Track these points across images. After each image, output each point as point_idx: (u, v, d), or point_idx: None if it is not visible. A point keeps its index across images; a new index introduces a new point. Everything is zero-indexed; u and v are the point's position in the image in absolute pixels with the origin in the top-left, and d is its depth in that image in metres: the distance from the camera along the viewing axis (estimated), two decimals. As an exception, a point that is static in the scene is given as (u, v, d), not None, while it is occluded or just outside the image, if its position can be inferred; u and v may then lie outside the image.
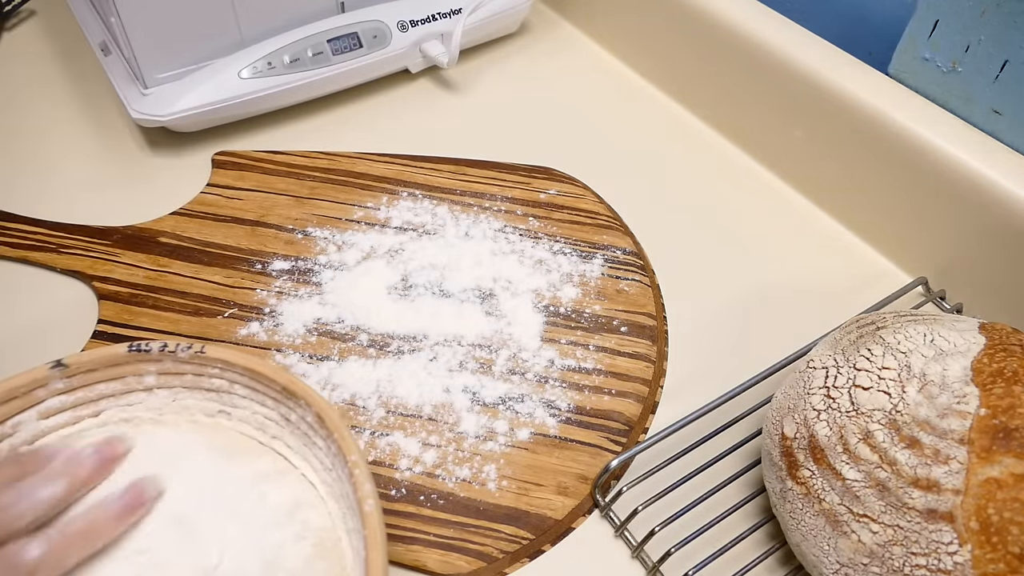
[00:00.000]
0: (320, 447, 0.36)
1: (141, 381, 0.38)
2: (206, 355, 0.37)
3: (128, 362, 0.38)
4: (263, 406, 0.38)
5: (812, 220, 0.60)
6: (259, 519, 0.35)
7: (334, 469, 0.35)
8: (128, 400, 0.39)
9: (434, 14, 0.66)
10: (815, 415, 0.39)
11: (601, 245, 0.56)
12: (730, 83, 0.63)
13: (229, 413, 0.39)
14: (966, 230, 0.52)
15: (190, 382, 0.39)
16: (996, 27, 0.48)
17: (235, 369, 0.38)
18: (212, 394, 0.39)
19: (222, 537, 0.34)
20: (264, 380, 0.37)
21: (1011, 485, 0.34)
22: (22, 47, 0.70)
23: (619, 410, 0.47)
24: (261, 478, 0.37)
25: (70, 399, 0.38)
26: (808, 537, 0.38)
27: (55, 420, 0.38)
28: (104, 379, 0.38)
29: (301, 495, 0.36)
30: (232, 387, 0.38)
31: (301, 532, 0.35)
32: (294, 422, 0.37)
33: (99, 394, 0.38)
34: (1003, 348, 0.38)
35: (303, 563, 0.34)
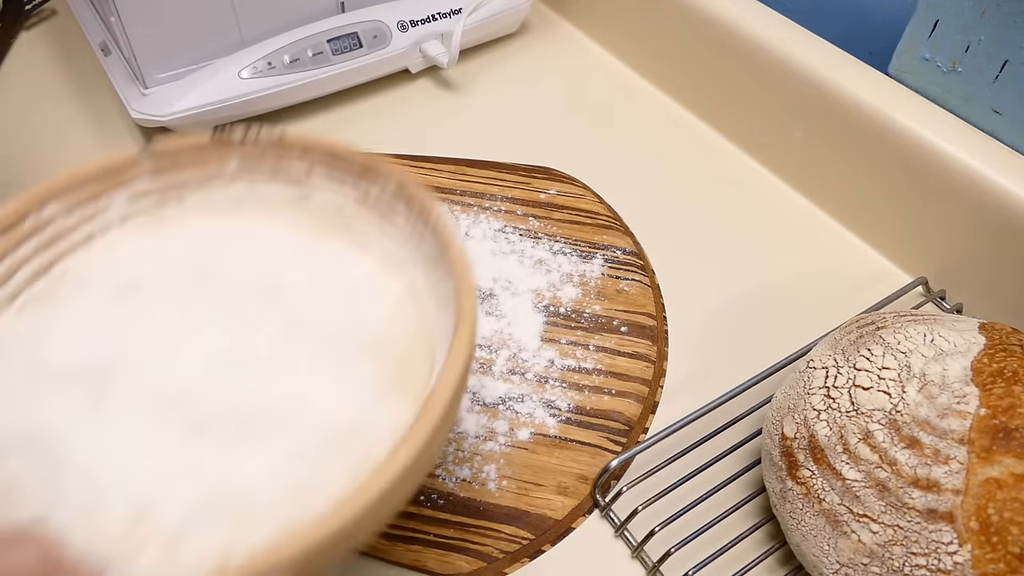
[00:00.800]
0: (399, 218, 0.37)
1: (223, 170, 0.39)
2: (287, 139, 0.38)
3: (213, 149, 0.39)
4: (339, 191, 0.39)
5: (812, 220, 0.60)
6: (345, 284, 0.36)
7: (412, 236, 0.36)
8: (211, 188, 0.39)
9: (434, 14, 0.66)
10: (815, 415, 0.39)
11: (601, 245, 0.56)
12: (730, 83, 0.63)
13: (306, 201, 0.39)
14: (966, 230, 0.52)
15: (270, 171, 0.39)
16: (996, 27, 0.48)
17: (315, 152, 0.38)
18: (291, 182, 0.39)
19: (309, 300, 0.35)
20: (344, 161, 0.38)
21: (1011, 485, 0.34)
22: (36, 47, 0.70)
23: (619, 410, 0.47)
24: (342, 254, 0.38)
25: (156, 184, 0.39)
26: (808, 537, 0.38)
27: (143, 204, 0.39)
28: (189, 166, 0.39)
29: (380, 267, 0.37)
30: (311, 173, 0.39)
31: (382, 296, 0.36)
32: (371, 201, 0.38)
33: (183, 181, 0.39)
34: (1003, 348, 0.38)
35: (385, 322, 0.35)
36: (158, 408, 0.30)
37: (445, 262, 0.33)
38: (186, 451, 0.29)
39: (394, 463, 0.25)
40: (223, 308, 0.34)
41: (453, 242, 0.33)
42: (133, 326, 0.33)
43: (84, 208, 0.37)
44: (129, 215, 0.39)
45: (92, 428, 0.30)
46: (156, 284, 0.35)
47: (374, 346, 0.34)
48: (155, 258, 0.37)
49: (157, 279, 0.36)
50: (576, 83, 0.70)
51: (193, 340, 0.33)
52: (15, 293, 0.36)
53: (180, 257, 0.37)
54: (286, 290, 0.35)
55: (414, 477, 0.27)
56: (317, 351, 0.33)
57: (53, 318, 0.34)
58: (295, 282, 0.36)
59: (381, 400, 0.32)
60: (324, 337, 0.34)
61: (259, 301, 0.35)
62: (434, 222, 0.34)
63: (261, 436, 0.30)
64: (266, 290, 0.35)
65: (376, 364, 0.33)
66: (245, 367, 0.32)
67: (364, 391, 0.32)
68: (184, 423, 0.30)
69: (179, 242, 0.38)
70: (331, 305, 0.35)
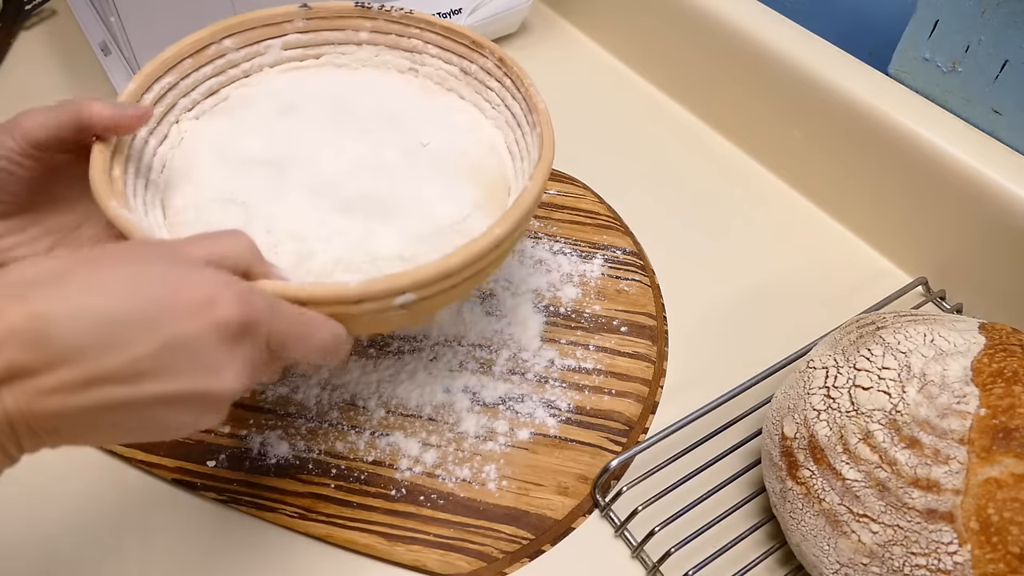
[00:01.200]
0: (494, 88, 0.47)
1: (357, 35, 0.48)
2: (413, 15, 0.47)
3: (352, 16, 0.48)
4: (447, 64, 0.48)
5: (812, 220, 0.60)
6: (451, 127, 0.46)
7: (503, 103, 0.46)
8: (343, 50, 0.49)
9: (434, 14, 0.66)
10: (815, 415, 0.39)
11: (601, 245, 0.56)
12: (730, 83, 0.63)
13: (417, 71, 0.49)
14: (966, 230, 0.52)
15: (392, 41, 0.49)
16: (996, 27, 0.48)
17: (433, 27, 0.47)
18: (407, 53, 0.49)
19: (425, 131, 0.46)
20: (456, 35, 0.47)
21: (1011, 485, 0.34)
22: (35, 47, 0.70)
23: (619, 410, 0.47)
24: (449, 108, 0.48)
25: (304, 38, 0.48)
26: (808, 537, 0.38)
27: (291, 53, 0.48)
28: (330, 28, 0.48)
29: (477, 120, 0.48)
30: (425, 47, 0.48)
31: (480, 139, 0.46)
32: (472, 73, 0.47)
33: (324, 40, 0.48)
34: (1003, 348, 0.38)
35: (481, 157, 0.45)
36: (318, 191, 0.42)
37: (532, 118, 0.43)
38: (337, 220, 0.41)
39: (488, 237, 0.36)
40: (360, 130, 0.45)
41: (540, 102, 0.43)
42: (295, 135, 0.44)
43: (249, 47, 0.47)
44: (279, 61, 0.48)
45: (272, 197, 0.41)
46: (308, 108, 0.46)
47: (473, 172, 0.44)
48: (304, 91, 0.47)
49: (308, 105, 0.46)
50: (576, 83, 0.70)
51: (340, 148, 0.44)
52: (192, 104, 0.45)
53: (323, 93, 0.47)
54: (408, 124, 0.46)
55: (498, 252, 0.37)
56: (432, 169, 0.44)
57: (231, 125, 0.45)
58: (415, 119, 0.46)
59: (476, 210, 0.42)
60: (437, 160, 0.44)
61: (388, 129, 0.45)
62: (526, 88, 0.44)
63: (389, 219, 0.41)
64: (392, 123, 0.46)
65: (474, 185, 0.43)
66: (380, 171, 0.43)
67: (465, 201, 0.42)
68: (336, 203, 0.41)
69: (320, 82, 0.48)
70: (443, 139, 0.45)
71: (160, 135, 0.43)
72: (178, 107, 0.44)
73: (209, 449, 0.44)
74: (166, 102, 0.43)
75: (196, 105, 0.45)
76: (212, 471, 0.43)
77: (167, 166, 0.43)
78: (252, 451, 0.44)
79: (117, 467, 0.44)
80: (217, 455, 0.44)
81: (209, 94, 0.46)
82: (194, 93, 0.45)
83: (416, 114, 0.47)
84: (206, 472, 0.43)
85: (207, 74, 0.45)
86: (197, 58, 0.45)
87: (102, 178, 0.37)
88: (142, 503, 0.43)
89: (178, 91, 0.44)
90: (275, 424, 0.45)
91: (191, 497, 0.43)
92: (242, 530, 0.42)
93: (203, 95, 0.46)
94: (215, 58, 0.46)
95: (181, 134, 0.44)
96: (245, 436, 0.45)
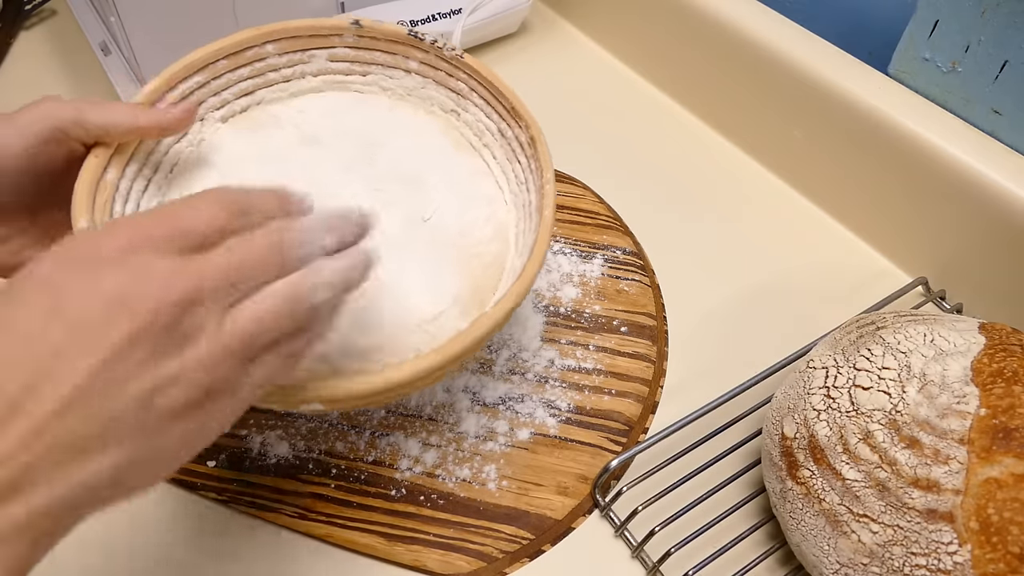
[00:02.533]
0: (521, 164, 0.44)
1: (407, 63, 0.47)
2: (463, 60, 0.46)
3: (403, 43, 0.47)
4: (488, 117, 0.46)
5: (812, 220, 0.60)
6: (466, 198, 0.44)
7: (525, 183, 0.43)
8: (391, 74, 0.48)
9: (434, 14, 0.66)
10: (815, 415, 0.39)
11: (601, 245, 0.56)
12: (730, 83, 0.63)
13: (458, 114, 0.47)
14: (966, 230, 0.52)
15: (440, 78, 0.47)
16: (996, 27, 0.48)
17: (480, 78, 0.45)
18: (453, 94, 0.47)
19: (437, 199, 0.44)
20: (499, 94, 0.45)
21: (1011, 485, 0.34)
22: (35, 47, 0.70)
23: (619, 410, 0.47)
24: (474, 171, 0.46)
25: (352, 53, 0.47)
26: (808, 537, 0.38)
27: (340, 66, 0.47)
28: (381, 50, 0.47)
29: (495, 194, 0.45)
30: (471, 93, 0.46)
31: (489, 218, 0.44)
32: (507, 138, 0.45)
33: (374, 60, 0.47)
34: (1003, 348, 0.38)
35: (484, 240, 0.43)
36: None
37: (537, 217, 0.40)
38: None
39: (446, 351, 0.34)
40: (372, 187, 0.44)
41: (549, 206, 0.40)
42: (307, 172, 0.43)
43: (292, 55, 0.46)
44: (322, 71, 0.47)
45: None
46: (331, 144, 0.45)
47: (467, 260, 0.42)
48: (334, 122, 0.46)
49: (333, 140, 0.45)
50: (576, 83, 0.70)
51: (343, 196, 0.42)
52: (222, 104, 0.45)
53: (353, 128, 0.46)
54: (424, 183, 0.44)
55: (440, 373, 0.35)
56: (426, 249, 0.42)
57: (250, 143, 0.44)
58: (434, 178, 0.45)
59: (453, 307, 0.40)
60: (435, 240, 0.42)
61: (400, 190, 0.44)
62: (544, 182, 0.41)
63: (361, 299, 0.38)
64: (408, 182, 0.44)
65: (462, 277, 0.41)
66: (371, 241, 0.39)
67: (445, 295, 0.40)
68: None
69: (356, 117, 0.47)
70: (450, 212, 0.43)
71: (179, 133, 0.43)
72: (205, 106, 0.44)
73: (209, 449, 0.44)
74: (192, 101, 0.43)
75: (226, 105, 0.45)
76: (212, 471, 0.43)
77: (178, 166, 0.43)
78: (252, 451, 0.44)
79: (117, 467, 0.44)
80: (217, 455, 0.44)
81: (242, 95, 0.46)
82: (225, 93, 0.45)
83: (438, 173, 0.45)
84: (206, 472, 0.43)
85: (243, 75, 0.45)
86: (233, 60, 0.44)
87: (86, 189, 0.36)
88: (142, 503, 0.43)
89: (208, 90, 0.44)
90: (275, 424, 0.45)
91: (191, 497, 0.43)
92: (242, 530, 0.42)
93: (235, 96, 0.45)
94: (254, 61, 0.45)
95: (202, 135, 0.44)
96: (245, 436, 0.45)
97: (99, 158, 0.37)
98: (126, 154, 0.39)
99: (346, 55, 0.47)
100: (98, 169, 0.37)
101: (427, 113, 0.48)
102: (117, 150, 0.38)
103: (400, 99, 0.48)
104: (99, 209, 0.36)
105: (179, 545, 0.42)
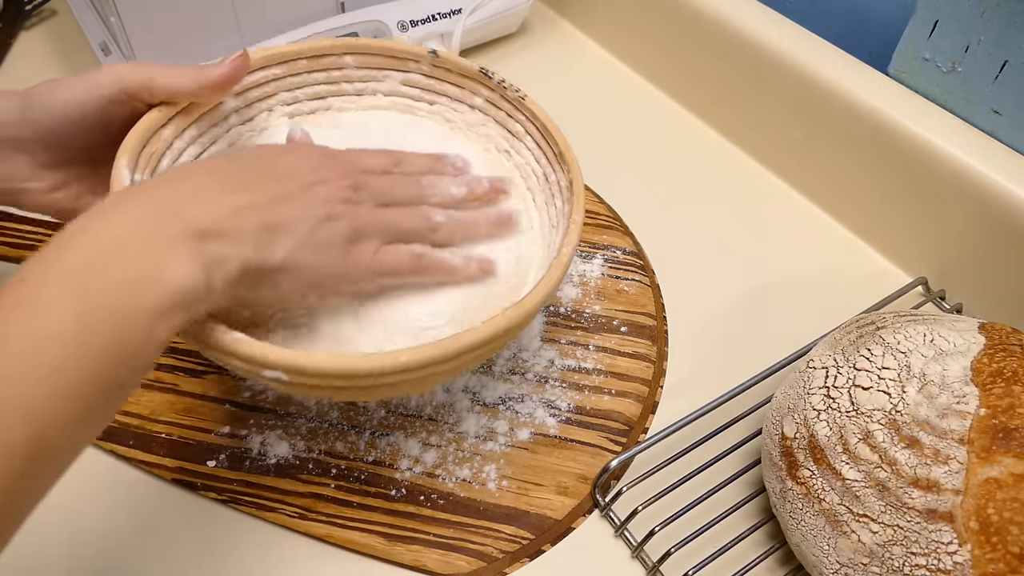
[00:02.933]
0: (556, 208, 0.45)
1: (472, 98, 0.49)
2: (524, 102, 0.47)
3: (473, 78, 0.48)
4: (536, 161, 0.47)
5: (812, 220, 0.60)
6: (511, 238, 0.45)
7: (557, 227, 0.44)
8: (456, 107, 0.49)
9: (434, 14, 0.66)
10: (815, 415, 0.39)
11: (601, 245, 0.56)
12: (730, 83, 0.63)
13: (510, 155, 0.48)
14: (966, 230, 0.52)
15: (501, 118, 0.48)
16: (996, 27, 0.48)
17: (536, 121, 0.46)
18: (509, 135, 0.48)
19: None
20: (551, 139, 0.45)
21: (1011, 485, 0.34)
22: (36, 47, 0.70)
23: (619, 410, 0.47)
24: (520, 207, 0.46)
25: (424, 81, 0.49)
26: (808, 537, 0.38)
27: (411, 91, 0.49)
28: (451, 82, 0.49)
29: (527, 233, 0.46)
30: (525, 136, 0.47)
31: (513, 251, 0.44)
32: (551, 182, 0.46)
33: (443, 91, 0.49)
34: (1003, 348, 0.38)
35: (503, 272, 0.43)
36: None
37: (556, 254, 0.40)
38: None
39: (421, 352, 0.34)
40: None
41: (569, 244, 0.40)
42: None
43: (368, 71, 0.48)
44: (393, 92, 0.49)
45: None
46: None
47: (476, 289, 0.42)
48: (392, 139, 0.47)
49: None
50: (576, 83, 0.70)
51: None
52: (293, 100, 0.47)
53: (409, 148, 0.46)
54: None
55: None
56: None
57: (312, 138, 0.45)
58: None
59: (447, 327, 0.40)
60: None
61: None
62: (572, 221, 0.41)
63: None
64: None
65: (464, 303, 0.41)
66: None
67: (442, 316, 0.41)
68: None
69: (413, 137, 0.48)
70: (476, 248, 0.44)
71: (245, 116, 0.45)
72: (277, 98, 0.46)
73: (209, 449, 0.44)
74: (266, 90, 0.46)
75: (296, 103, 0.47)
76: (212, 471, 0.43)
77: (234, 146, 0.45)
78: (252, 451, 0.44)
79: (117, 467, 0.44)
80: (217, 455, 0.44)
81: (314, 98, 0.48)
82: (299, 92, 0.47)
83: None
84: (206, 472, 0.43)
85: (319, 79, 0.47)
86: (313, 63, 0.47)
87: (138, 136, 0.38)
88: (142, 503, 0.43)
89: (282, 84, 0.46)
90: (275, 424, 0.45)
91: (191, 497, 0.43)
92: (242, 530, 0.42)
93: (308, 97, 0.48)
94: (331, 68, 0.47)
95: (266, 125, 0.46)
96: (245, 436, 0.45)
97: (161, 113, 0.40)
98: (191, 116, 0.42)
99: (418, 81, 0.49)
100: (156, 123, 0.40)
101: (483, 149, 0.49)
102: (183, 111, 0.41)
103: (460, 132, 0.50)
104: (145, 156, 0.39)
105: (179, 545, 0.42)
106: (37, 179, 0.40)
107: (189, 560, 0.41)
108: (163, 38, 0.57)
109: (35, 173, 0.40)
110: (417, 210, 0.41)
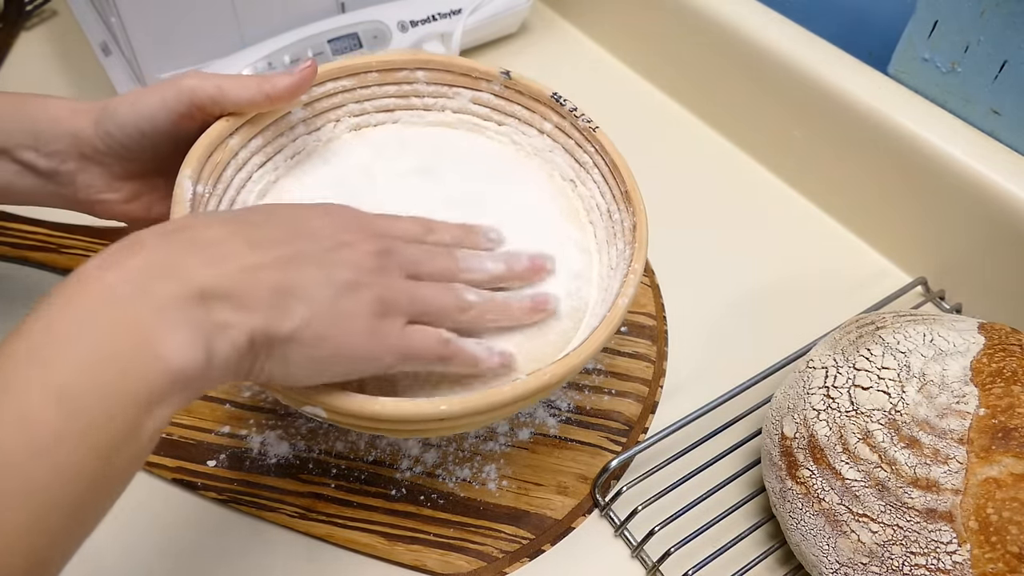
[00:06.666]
0: (617, 249, 0.43)
1: (543, 123, 0.47)
2: (595, 133, 0.45)
3: (544, 103, 0.47)
4: (601, 196, 0.45)
5: (812, 220, 0.60)
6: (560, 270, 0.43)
7: (616, 269, 0.42)
8: (524, 130, 0.48)
9: (434, 14, 0.66)
10: (815, 415, 0.39)
11: (601, 245, 0.55)
12: (730, 83, 0.63)
13: (575, 185, 0.47)
14: (965, 230, 0.52)
15: (569, 146, 0.47)
16: (996, 27, 0.49)
17: (605, 155, 0.45)
18: (576, 164, 0.47)
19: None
20: (619, 176, 0.44)
21: (1010, 485, 0.34)
22: (36, 47, 0.70)
23: (619, 410, 0.47)
24: (576, 245, 0.45)
25: (494, 101, 0.48)
26: (808, 537, 0.38)
27: (480, 110, 0.49)
28: (522, 104, 0.48)
29: (585, 272, 0.44)
30: (593, 168, 0.46)
31: (571, 292, 0.42)
32: (614, 220, 0.44)
33: (512, 112, 0.48)
34: (1002, 348, 0.38)
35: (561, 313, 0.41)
36: None
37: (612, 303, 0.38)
38: None
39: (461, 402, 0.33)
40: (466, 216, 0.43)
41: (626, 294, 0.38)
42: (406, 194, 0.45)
43: (439, 86, 0.48)
44: (462, 110, 0.49)
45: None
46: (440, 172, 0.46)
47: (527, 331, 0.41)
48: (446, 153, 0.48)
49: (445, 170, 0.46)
50: (576, 83, 0.70)
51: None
52: (361, 112, 0.47)
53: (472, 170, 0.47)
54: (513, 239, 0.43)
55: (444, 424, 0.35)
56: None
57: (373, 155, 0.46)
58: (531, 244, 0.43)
59: None
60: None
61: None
62: (632, 271, 0.39)
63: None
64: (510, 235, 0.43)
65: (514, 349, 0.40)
66: None
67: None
68: None
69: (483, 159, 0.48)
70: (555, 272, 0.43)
71: (312, 126, 0.45)
72: (344, 109, 0.46)
73: (209, 449, 0.44)
74: (334, 101, 0.45)
75: (364, 115, 0.47)
76: (212, 471, 0.43)
77: (300, 155, 0.45)
78: (252, 451, 0.44)
79: (117, 467, 0.44)
80: (217, 455, 0.44)
81: (383, 110, 0.48)
82: (367, 104, 0.47)
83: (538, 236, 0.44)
84: (206, 472, 0.43)
85: (388, 92, 0.47)
86: (384, 76, 0.47)
87: (204, 145, 0.38)
88: (142, 503, 0.43)
89: (351, 96, 0.46)
90: (275, 424, 0.45)
91: (191, 497, 0.43)
92: (242, 530, 0.42)
93: (376, 109, 0.47)
94: (402, 83, 0.47)
95: (333, 135, 0.46)
96: (245, 436, 0.45)
97: (228, 123, 0.40)
98: (257, 126, 0.42)
99: (488, 101, 0.48)
100: (223, 133, 0.40)
101: (547, 176, 0.48)
102: (250, 120, 0.41)
103: (527, 156, 0.48)
104: (210, 166, 0.39)
105: (179, 545, 0.42)
106: (112, 190, 0.40)
107: (189, 560, 0.41)
108: (163, 38, 0.57)
109: (110, 184, 0.40)
110: (449, 287, 0.37)
